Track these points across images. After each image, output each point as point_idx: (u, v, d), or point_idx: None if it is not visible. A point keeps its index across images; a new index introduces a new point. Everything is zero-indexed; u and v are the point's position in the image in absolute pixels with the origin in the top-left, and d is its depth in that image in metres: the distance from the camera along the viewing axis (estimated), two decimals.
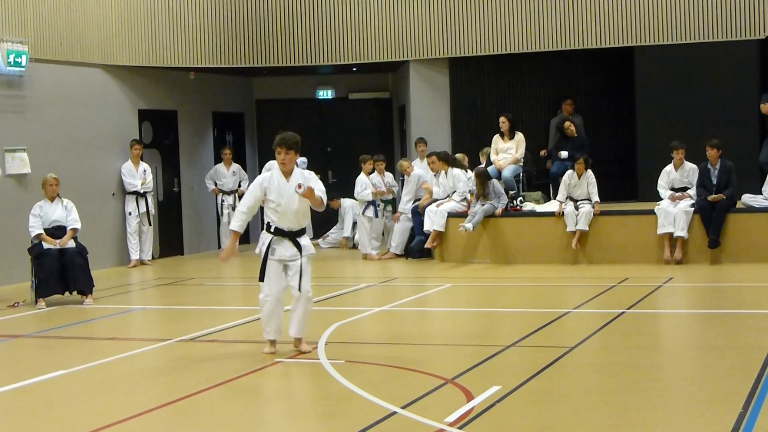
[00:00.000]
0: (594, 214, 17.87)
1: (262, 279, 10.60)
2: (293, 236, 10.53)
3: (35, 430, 8.21)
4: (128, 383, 9.66)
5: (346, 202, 21.44)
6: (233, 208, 21.51)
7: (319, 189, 10.46)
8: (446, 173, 19.22)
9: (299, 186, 10.24)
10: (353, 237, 22.05)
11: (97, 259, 17.42)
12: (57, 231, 15.31)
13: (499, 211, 18.35)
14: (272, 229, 10.53)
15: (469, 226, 18.03)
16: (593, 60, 22.05)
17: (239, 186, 22.20)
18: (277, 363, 10.30)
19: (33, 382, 9.87)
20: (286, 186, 10.43)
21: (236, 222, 10.62)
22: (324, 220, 23.00)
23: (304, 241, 10.62)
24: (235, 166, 22.31)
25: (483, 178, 18.57)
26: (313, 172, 10.84)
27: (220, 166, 22.25)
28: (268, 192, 10.48)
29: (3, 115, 18.06)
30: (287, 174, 10.53)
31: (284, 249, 10.48)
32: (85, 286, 15.27)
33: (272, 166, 21.25)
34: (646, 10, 20.12)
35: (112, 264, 20.10)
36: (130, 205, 20.35)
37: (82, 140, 19.72)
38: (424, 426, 7.68)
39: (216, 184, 22.19)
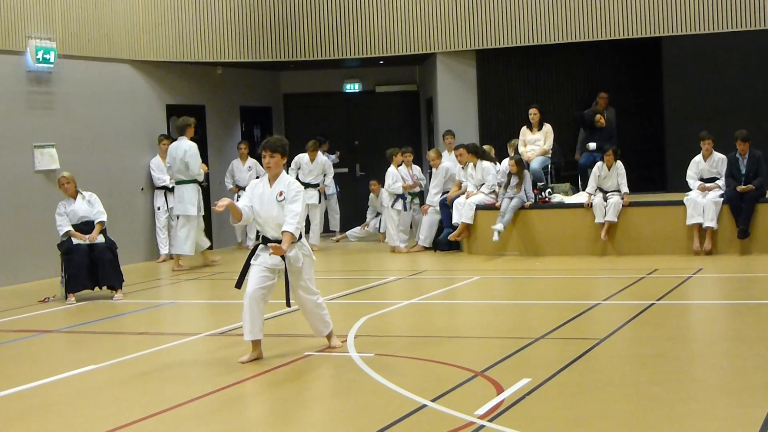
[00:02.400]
0: (623, 205, 17.81)
1: (238, 286, 10.21)
2: None
3: (66, 425, 8.24)
4: (159, 378, 9.69)
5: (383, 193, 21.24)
6: None
7: (292, 213, 9.87)
8: (475, 166, 19.16)
9: (280, 194, 9.93)
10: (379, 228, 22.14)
11: (126, 254, 17.48)
12: (85, 226, 15.37)
13: (528, 203, 18.33)
14: (260, 237, 10.26)
15: (499, 227, 17.98)
16: (621, 50, 21.96)
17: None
18: (307, 356, 10.31)
19: (63, 377, 9.93)
20: (268, 192, 10.04)
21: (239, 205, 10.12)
22: (351, 215, 23.01)
23: (291, 251, 10.00)
24: (251, 161, 22.14)
25: (521, 166, 18.50)
26: (298, 184, 10.16)
27: (236, 161, 22.16)
28: (252, 198, 10.14)
29: (32, 112, 18.14)
30: (272, 179, 10.11)
31: (268, 258, 10.00)
32: (114, 281, 15.32)
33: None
34: None
35: (141, 259, 20.17)
36: (159, 199, 20.42)
37: (111, 136, 19.79)
38: (455, 419, 7.68)
39: (234, 182, 22.06)
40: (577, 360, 9.57)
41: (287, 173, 10.51)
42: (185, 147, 18.37)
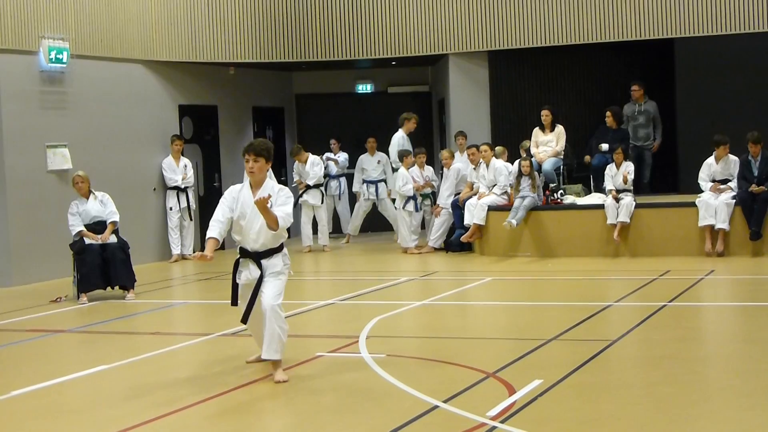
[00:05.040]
0: (613, 196, 17.75)
1: (234, 304, 9.60)
2: (258, 258, 9.37)
3: (78, 425, 8.25)
4: (171, 378, 9.70)
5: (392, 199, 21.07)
6: None
7: (284, 211, 9.19)
8: (488, 166, 19.12)
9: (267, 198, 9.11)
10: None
11: (138, 254, 17.50)
12: (98, 226, 15.39)
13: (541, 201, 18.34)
14: (239, 249, 9.52)
15: (513, 221, 17.98)
16: (634, 52, 21.92)
17: None
18: (319, 357, 10.32)
19: (75, 377, 9.95)
20: (250, 199, 9.27)
21: (213, 230, 9.43)
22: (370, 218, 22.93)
23: (274, 260, 9.40)
24: None
25: (533, 167, 18.49)
26: (288, 190, 9.49)
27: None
28: (234, 205, 9.44)
29: (45, 112, 18.18)
30: (256, 185, 9.36)
31: (248, 272, 9.41)
32: (126, 281, 15.35)
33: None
34: (687, 1, 19.96)
35: (153, 259, 20.20)
36: (171, 200, 20.43)
37: (123, 136, 19.82)
38: (466, 420, 7.67)
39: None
40: (589, 361, 9.55)
41: (272, 179, 9.76)
42: None
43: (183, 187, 20.38)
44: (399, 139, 20.67)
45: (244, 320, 9.55)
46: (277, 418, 8.37)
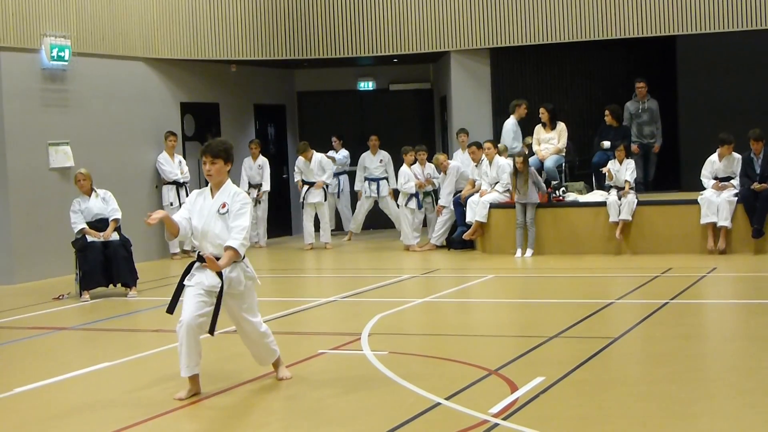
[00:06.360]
0: (622, 196, 17.72)
1: (170, 311, 8.97)
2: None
3: (80, 423, 8.25)
4: (174, 375, 9.69)
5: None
6: (258, 202, 21.53)
7: (240, 227, 8.61)
8: (491, 163, 19.10)
9: (222, 206, 8.70)
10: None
11: (140, 252, 17.50)
12: (100, 224, 15.39)
13: (542, 198, 18.30)
14: (197, 255, 8.90)
15: (529, 252, 17.97)
16: (635, 49, 21.90)
17: (260, 184, 21.95)
18: (321, 354, 10.33)
19: (78, 374, 9.96)
20: (209, 204, 8.76)
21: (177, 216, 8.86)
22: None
23: (233, 272, 8.77)
24: (262, 160, 22.03)
25: (527, 164, 18.35)
26: (245, 195, 8.90)
27: (248, 160, 21.95)
28: (192, 209, 8.85)
29: (46, 109, 18.18)
30: (215, 188, 8.79)
31: (205, 277, 8.73)
32: (128, 278, 15.36)
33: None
34: None
35: (155, 256, 20.19)
36: (171, 195, 20.33)
37: (125, 133, 19.83)
38: (469, 417, 7.68)
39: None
40: (591, 359, 9.56)
41: (232, 183, 9.03)
42: None
43: (182, 181, 20.33)
44: (512, 126, 20.18)
45: (169, 310, 9.02)
46: (280, 414, 8.37)
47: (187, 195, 20.21)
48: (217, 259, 8.55)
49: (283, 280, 17.28)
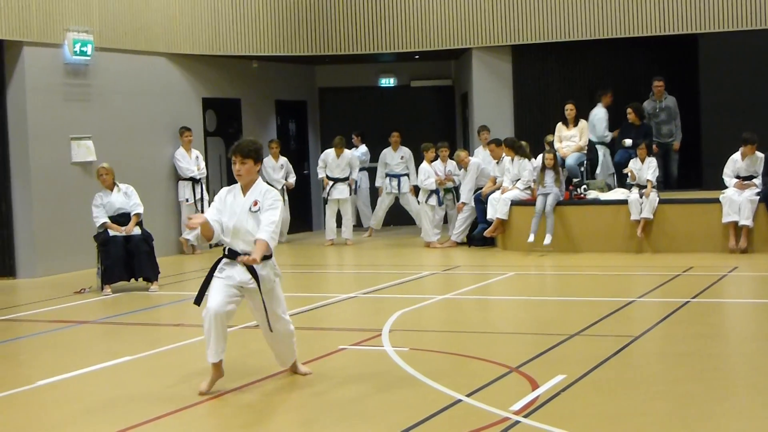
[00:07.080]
0: (644, 195, 17.69)
1: (197, 302, 9.10)
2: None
3: (101, 416, 8.28)
4: (195, 369, 9.72)
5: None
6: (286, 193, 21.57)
7: (270, 219, 8.68)
8: (512, 160, 19.09)
9: (254, 204, 8.78)
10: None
11: (162, 246, 17.54)
12: (122, 218, 15.45)
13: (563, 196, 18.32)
14: (226, 251, 8.97)
15: (548, 239, 17.94)
16: (657, 47, 21.83)
17: (286, 179, 21.97)
18: (341, 350, 10.34)
19: (99, 368, 10.00)
20: (241, 202, 8.84)
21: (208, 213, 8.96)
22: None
23: (264, 270, 8.83)
24: (283, 159, 21.99)
25: (557, 161, 18.41)
26: (276, 192, 8.99)
27: (268, 160, 21.63)
28: (223, 208, 8.91)
29: (69, 104, 18.25)
30: (245, 188, 8.89)
31: (236, 273, 8.83)
32: (150, 272, 15.42)
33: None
34: None
35: (177, 251, 20.23)
36: (186, 191, 20.31)
37: (147, 128, 19.88)
38: (490, 414, 7.69)
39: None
40: (612, 357, 9.55)
41: (261, 180, 9.09)
42: None
43: (198, 177, 20.33)
44: (604, 114, 20.18)
45: (197, 301, 9.14)
46: (299, 411, 8.39)
47: (202, 191, 20.25)
48: (247, 255, 8.62)
49: (304, 275, 17.30)
